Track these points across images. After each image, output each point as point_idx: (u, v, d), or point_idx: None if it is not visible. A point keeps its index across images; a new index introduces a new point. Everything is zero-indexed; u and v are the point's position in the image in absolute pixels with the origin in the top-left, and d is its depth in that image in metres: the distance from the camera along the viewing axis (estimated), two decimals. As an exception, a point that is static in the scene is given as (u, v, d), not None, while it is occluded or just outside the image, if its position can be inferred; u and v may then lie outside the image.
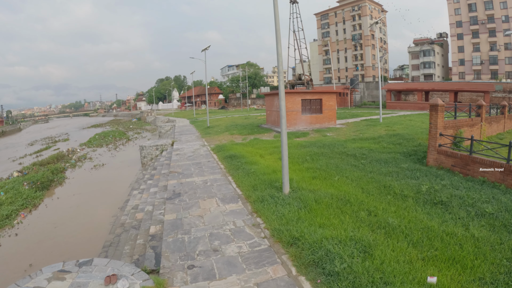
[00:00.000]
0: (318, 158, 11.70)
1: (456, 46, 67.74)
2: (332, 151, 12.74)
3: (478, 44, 64.28)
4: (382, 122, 24.33)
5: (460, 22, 66.18)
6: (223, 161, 12.30)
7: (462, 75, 67.47)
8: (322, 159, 11.51)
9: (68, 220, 12.30)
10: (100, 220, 11.91)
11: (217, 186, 9.22)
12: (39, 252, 9.49)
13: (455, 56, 68.69)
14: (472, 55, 65.81)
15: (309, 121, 21.44)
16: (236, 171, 10.46)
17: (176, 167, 12.03)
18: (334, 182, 8.97)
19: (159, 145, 19.38)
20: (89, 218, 12.37)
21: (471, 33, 64.79)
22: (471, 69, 65.95)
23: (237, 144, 16.36)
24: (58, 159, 24.97)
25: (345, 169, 10.20)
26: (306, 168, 10.47)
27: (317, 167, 10.50)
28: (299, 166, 10.82)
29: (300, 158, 11.88)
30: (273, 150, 13.72)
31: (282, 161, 7.72)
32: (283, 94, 7.41)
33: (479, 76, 65.27)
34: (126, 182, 16.02)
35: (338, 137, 17.39)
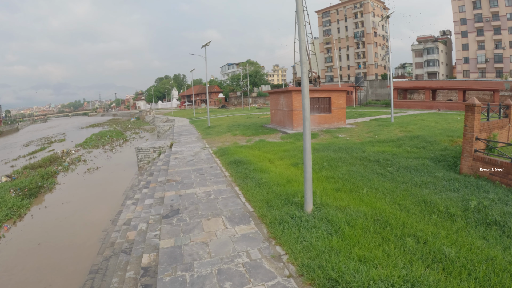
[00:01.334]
0: (337, 165, 10.25)
1: (461, 44, 66.47)
2: (351, 156, 11.29)
3: (483, 42, 63.02)
4: (394, 122, 22.92)
5: (464, 20, 64.92)
6: (228, 168, 10.86)
7: (467, 73, 66.22)
8: (342, 166, 10.07)
9: (54, 235, 10.93)
10: (89, 235, 10.51)
11: (223, 200, 7.77)
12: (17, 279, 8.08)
13: (459, 54, 67.38)
14: (477, 53, 64.56)
15: (317, 121, 19.99)
16: (244, 180, 9.01)
17: (174, 174, 10.59)
18: (363, 196, 7.53)
19: (157, 147, 17.94)
20: (77, 232, 10.98)
21: (476, 30, 63.55)
22: (476, 67, 64.71)
23: (242, 146, 14.91)
24: (51, 162, 23.56)
25: (372, 179, 8.76)
26: (326, 178, 9.03)
27: (339, 176, 9.06)
28: (316, 174, 9.38)
29: (316, 164, 10.43)
30: (283, 154, 12.27)
31: (305, 173, 6.28)
32: (306, 91, 5.97)
33: (484, 74, 64.13)
34: (120, 189, 14.59)
35: (352, 139, 15.95)
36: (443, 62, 79.65)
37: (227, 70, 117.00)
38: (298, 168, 10.17)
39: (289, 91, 19.09)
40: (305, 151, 6.24)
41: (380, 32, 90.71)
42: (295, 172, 9.74)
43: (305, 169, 6.28)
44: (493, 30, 59.60)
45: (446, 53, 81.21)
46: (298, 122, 19.05)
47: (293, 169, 10.15)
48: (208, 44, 25.21)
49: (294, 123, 18.96)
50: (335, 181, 8.69)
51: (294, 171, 9.87)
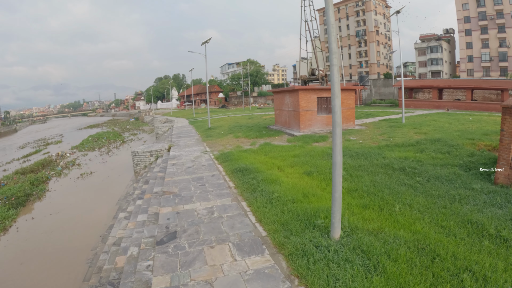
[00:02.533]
0: (358, 174, 9.01)
1: (464, 42, 65.36)
2: (371, 163, 10.04)
3: (487, 40, 61.93)
4: (405, 122, 21.67)
5: (468, 18, 63.83)
6: (232, 177, 9.61)
7: (471, 72, 65.14)
8: (364, 176, 8.82)
9: (39, 252, 9.77)
10: (77, 253, 9.30)
11: (229, 220, 6.53)
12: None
13: (463, 53, 66.24)
14: (481, 52, 63.48)
15: (325, 122, 18.74)
16: (252, 194, 7.76)
17: (171, 185, 9.35)
18: (396, 215, 6.30)
19: (154, 151, 16.69)
20: (64, 249, 9.78)
21: (480, 28, 62.49)
22: (480, 66, 63.62)
23: (246, 151, 13.65)
24: (44, 166, 22.33)
25: (402, 192, 7.51)
26: (348, 190, 7.79)
27: (363, 188, 7.81)
28: (336, 185, 8.13)
29: (333, 173, 9.18)
30: (293, 160, 11.01)
31: (333, 192, 5.04)
32: (338, 89, 4.71)
33: (488, 73, 63.14)
34: (113, 198, 13.34)
35: (366, 142, 14.70)
36: (447, 61, 78.53)
37: (227, 70, 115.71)
38: (312, 178, 8.93)
39: (295, 91, 17.85)
40: (334, 166, 4.98)
41: (382, 30, 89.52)
42: (310, 183, 8.50)
43: (333, 187, 5.03)
44: (497, 28, 58.56)
45: (449, 51, 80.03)
46: (305, 123, 17.79)
47: (307, 179, 8.90)
48: (208, 41, 23.94)
49: (301, 124, 17.71)
50: (360, 195, 7.44)
51: (308, 181, 8.62)
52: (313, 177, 8.98)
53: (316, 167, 9.85)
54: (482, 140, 14.49)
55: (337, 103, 4.74)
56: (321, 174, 9.22)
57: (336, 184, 4.99)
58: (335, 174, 5.00)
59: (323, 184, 8.40)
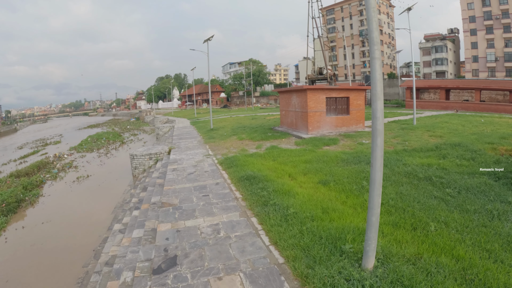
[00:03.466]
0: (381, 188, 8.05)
1: (469, 42, 64.37)
2: (392, 171, 9.09)
3: (492, 40, 60.99)
4: (417, 124, 20.70)
5: (473, 17, 62.90)
6: (239, 186, 8.67)
7: (476, 72, 64.18)
8: (387, 187, 7.87)
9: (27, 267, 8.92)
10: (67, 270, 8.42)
11: (238, 241, 5.60)
12: None
13: (468, 53, 65.23)
14: (486, 52, 62.53)
15: (334, 124, 17.79)
16: (263, 208, 6.83)
17: (171, 194, 8.43)
18: (432, 235, 5.37)
19: (153, 153, 15.78)
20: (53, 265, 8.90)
21: (485, 28, 61.56)
22: (485, 66, 62.65)
23: (252, 155, 12.71)
24: (39, 168, 21.47)
25: (433, 207, 6.57)
26: (373, 204, 6.84)
27: (389, 202, 6.87)
28: (358, 199, 7.20)
29: (354, 183, 8.24)
30: (305, 167, 10.05)
31: (369, 216, 4.10)
32: (380, 87, 3.79)
33: (494, 73, 62.21)
34: (109, 205, 12.43)
35: (379, 146, 13.74)
36: (451, 61, 77.51)
37: (228, 69, 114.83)
38: (329, 188, 7.99)
39: (303, 90, 16.91)
40: (373, 184, 4.04)
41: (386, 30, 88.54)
42: (327, 194, 7.55)
43: (370, 210, 4.10)
44: (503, 28, 57.66)
45: (454, 51, 79.03)
46: (313, 125, 16.84)
47: (323, 189, 7.96)
48: (211, 39, 23.02)
49: (309, 126, 16.76)
50: (387, 210, 6.50)
51: (326, 193, 7.68)
52: (330, 188, 8.04)
53: (332, 176, 8.90)
54: (502, 144, 13.56)
55: (379, 106, 3.81)
56: (338, 183, 8.27)
57: (374, 206, 4.05)
58: (373, 194, 4.06)
59: (343, 196, 7.46)
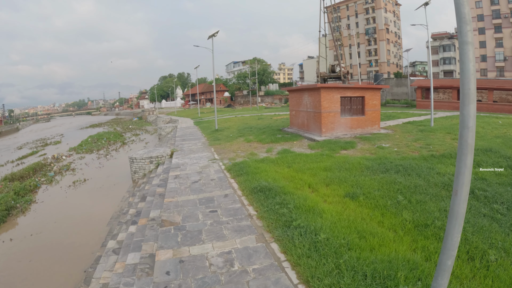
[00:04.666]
0: (418, 199, 6.79)
1: (478, 41, 62.86)
2: (427, 182, 7.81)
3: (501, 39, 59.50)
4: (435, 126, 19.31)
5: (481, 16, 61.43)
6: (252, 199, 7.42)
7: (484, 72, 62.68)
8: (426, 201, 6.63)
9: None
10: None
11: (258, 278, 4.36)
12: None
13: (476, 52, 63.61)
14: (495, 51, 61.04)
15: (349, 125, 16.50)
16: (285, 231, 5.58)
17: (172, 209, 7.20)
18: (494, 268, 4.17)
19: (154, 157, 14.59)
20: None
21: (494, 27, 60.09)
22: (494, 66, 61.13)
23: (263, 160, 11.44)
24: (35, 171, 20.39)
25: (485, 228, 5.31)
26: (416, 226, 5.62)
27: (435, 223, 5.61)
28: (396, 219, 5.95)
29: (388, 197, 6.98)
30: (326, 176, 8.77)
31: (441, 259, 2.99)
32: (473, 84, 2.68)
33: (502, 73, 60.71)
34: (105, 214, 11.26)
35: (403, 151, 12.44)
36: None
37: (232, 69, 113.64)
38: (359, 204, 6.73)
39: (316, 89, 15.62)
40: (452, 217, 2.79)
41: (393, 28, 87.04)
42: (359, 212, 6.30)
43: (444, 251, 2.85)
44: (512, 27, 56.16)
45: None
46: (327, 126, 15.56)
47: (353, 205, 6.70)
48: (216, 35, 21.79)
49: (323, 127, 15.49)
50: (434, 233, 5.23)
51: (357, 210, 6.43)
52: (360, 203, 6.79)
53: (360, 187, 7.64)
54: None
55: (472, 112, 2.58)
56: (369, 198, 7.01)
57: (451, 246, 2.80)
58: (453, 231, 2.81)
59: (377, 214, 6.21)
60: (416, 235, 5.43)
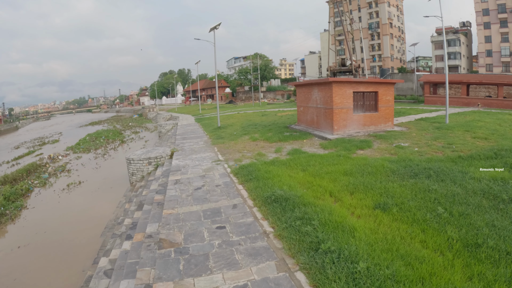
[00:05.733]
0: (460, 211, 5.72)
1: (483, 35, 61.52)
2: (464, 189, 6.71)
3: (507, 34, 58.17)
4: (450, 123, 18.14)
5: (487, 10, 60.07)
6: (266, 212, 6.33)
7: (490, 67, 61.41)
8: (470, 214, 5.57)
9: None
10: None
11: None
12: None
13: (481, 47, 62.35)
14: (501, 46, 59.69)
15: (361, 122, 15.39)
16: (312, 256, 4.51)
17: (172, 225, 6.14)
18: None
19: (153, 157, 13.53)
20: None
21: (499, 22, 58.73)
22: (500, 61, 59.85)
23: (273, 162, 10.35)
24: (29, 172, 19.36)
25: None
26: (465, 246, 4.60)
27: (487, 242, 4.55)
28: (438, 235, 4.88)
29: (424, 208, 5.92)
30: (347, 181, 7.68)
31: None
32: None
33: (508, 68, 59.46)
34: (99, 224, 10.21)
35: (424, 151, 11.34)
36: (464, 55, 74.49)
37: (233, 64, 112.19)
38: (393, 218, 5.65)
39: (327, 83, 14.48)
40: None
41: (396, 23, 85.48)
42: (395, 228, 5.23)
43: None
44: (517, 22, 54.97)
45: (467, 45, 75.97)
46: (339, 123, 14.45)
47: (386, 219, 5.63)
48: (218, 27, 20.62)
49: (335, 125, 14.38)
50: (489, 255, 4.17)
51: (392, 226, 5.35)
52: (394, 216, 5.71)
53: (390, 196, 6.57)
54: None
55: None
56: (403, 209, 5.94)
57: None
58: None
59: (417, 230, 5.15)
60: (467, 258, 4.38)
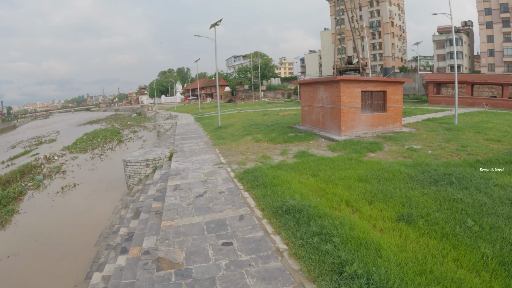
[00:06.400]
0: (490, 223, 5.08)
1: (485, 35, 60.98)
2: (492, 199, 6.06)
3: (510, 34, 57.62)
4: (459, 124, 17.48)
5: (489, 10, 59.50)
6: (278, 225, 5.63)
7: (492, 67, 60.87)
8: (501, 227, 4.95)
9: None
10: None
11: None
12: None
13: (483, 46, 61.80)
14: (503, 46, 59.15)
15: (369, 123, 14.73)
16: (337, 282, 3.85)
17: (172, 239, 5.46)
18: None
19: (151, 159, 12.84)
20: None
21: (502, 21, 58.19)
22: (502, 61, 59.29)
23: (280, 166, 9.65)
24: (23, 174, 18.66)
25: None
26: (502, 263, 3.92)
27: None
28: (471, 252, 4.25)
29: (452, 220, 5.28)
30: (363, 188, 7.01)
31: None
32: None
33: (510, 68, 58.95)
34: (93, 231, 9.52)
35: (438, 154, 10.68)
36: (466, 55, 73.95)
37: (233, 63, 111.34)
38: (420, 232, 4.99)
39: (335, 82, 13.80)
40: None
41: (397, 22, 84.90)
42: (424, 245, 4.58)
43: None
44: (521, 21, 54.50)
45: (469, 45, 75.46)
46: (347, 124, 13.78)
47: (413, 233, 4.97)
48: (219, 23, 19.90)
49: (342, 125, 13.72)
50: None
51: (420, 241, 4.70)
52: (421, 230, 5.06)
53: (413, 206, 5.92)
54: None
55: None
56: (429, 222, 5.29)
57: None
58: None
59: (448, 246, 4.51)
60: (506, 279, 3.78)
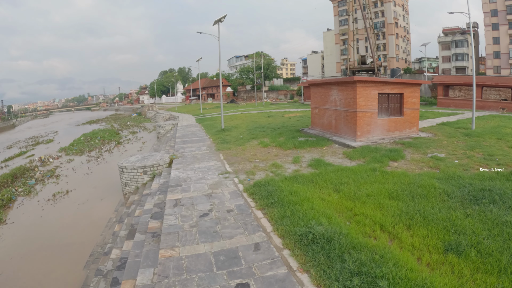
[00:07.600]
0: None
1: (491, 37, 60.06)
2: None
3: (516, 36, 56.61)
4: (476, 129, 16.39)
5: (495, 11, 58.65)
6: (304, 260, 4.54)
7: (498, 69, 59.94)
8: None
9: None
10: None
11: None
12: None
13: (489, 48, 60.86)
14: (509, 48, 58.21)
15: (386, 127, 13.65)
16: None
17: (172, 278, 4.37)
18: None
19: (149, 166, 11.77)
20: None
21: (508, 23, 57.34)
22: (508, 63, 58.45)
23: (295, 178, 8.50)
24: (15, 177, 17.60)
25: None
26: None
27: None
28: None
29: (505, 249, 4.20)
30: (397, 208, 5.92)
31: None
32: None
33: (516, 70, 57.78)
34: (83, 248, 8.47)
35: (464, 163, 9.58)
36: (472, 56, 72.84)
37: (234, 63, 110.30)
38: (474, 267, 3.97)
39: (351, 83, 12.70)
40: None
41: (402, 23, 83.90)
42: (481, 283, 3.54)
43: None
44: (527, 23, 53.68)
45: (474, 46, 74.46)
46: (363, 128, 12.70)
47: (466, 269, 3.93)
48: (222, 20, 18.84)
49: (358, 130, 12.64)
50: None
51: (478, 280, 3.69)
52: (474, 264, 4.01)
53: (460, 232, 4.86)
54: None
55: None
56: (483, 253, 4.25)
57: None
58: None
59: (508, 285, 3.44)
60: None
